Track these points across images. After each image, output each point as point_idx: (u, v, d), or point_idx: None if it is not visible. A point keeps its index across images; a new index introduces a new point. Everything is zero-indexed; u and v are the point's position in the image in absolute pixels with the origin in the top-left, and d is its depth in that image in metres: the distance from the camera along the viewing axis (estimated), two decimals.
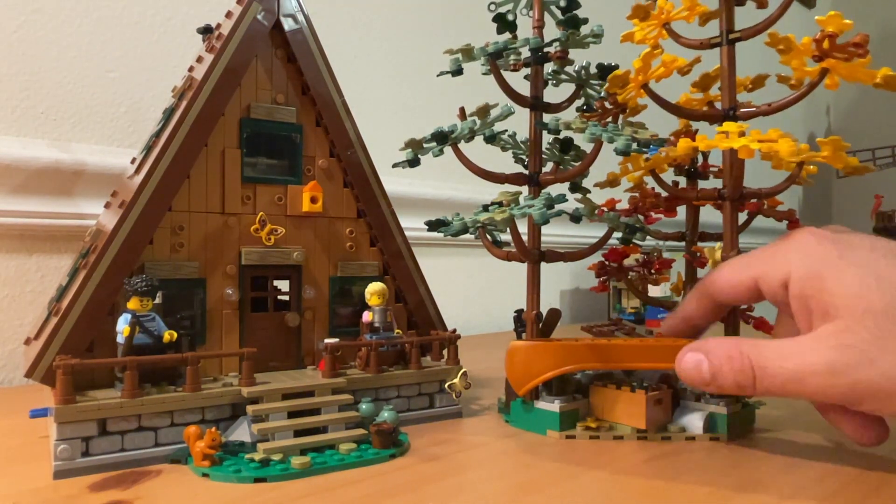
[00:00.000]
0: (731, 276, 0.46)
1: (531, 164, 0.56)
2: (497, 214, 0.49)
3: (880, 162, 1.68)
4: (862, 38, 0.45)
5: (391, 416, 0.49)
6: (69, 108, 0.84)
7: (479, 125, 0.54)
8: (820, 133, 2.45)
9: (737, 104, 0.52)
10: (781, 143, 0.45)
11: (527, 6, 0.57)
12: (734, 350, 0.40)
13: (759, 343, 0.40)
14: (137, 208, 0.47)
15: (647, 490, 0.39)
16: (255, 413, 0.46)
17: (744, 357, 0.40)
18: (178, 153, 0.49)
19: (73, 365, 0.42)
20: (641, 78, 0.52)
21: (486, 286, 1.31)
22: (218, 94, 0.51)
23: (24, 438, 0.50)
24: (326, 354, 0.51)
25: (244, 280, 0.53)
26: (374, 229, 0.59)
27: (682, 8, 0.53)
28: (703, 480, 0.41)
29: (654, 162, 0.57)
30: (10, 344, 0.78)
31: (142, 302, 0.46)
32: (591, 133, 0.48)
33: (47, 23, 0.82)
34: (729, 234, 0.53)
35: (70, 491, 0.39)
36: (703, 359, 0.42)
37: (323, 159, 0.57)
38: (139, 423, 0.44)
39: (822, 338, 0.38)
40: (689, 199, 0.59)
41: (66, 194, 0.81)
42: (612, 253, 0.66)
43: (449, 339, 0.59)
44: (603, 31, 0.54)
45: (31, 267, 0.80)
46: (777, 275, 0.41)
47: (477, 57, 0.55)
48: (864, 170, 0.50)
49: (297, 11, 0.55)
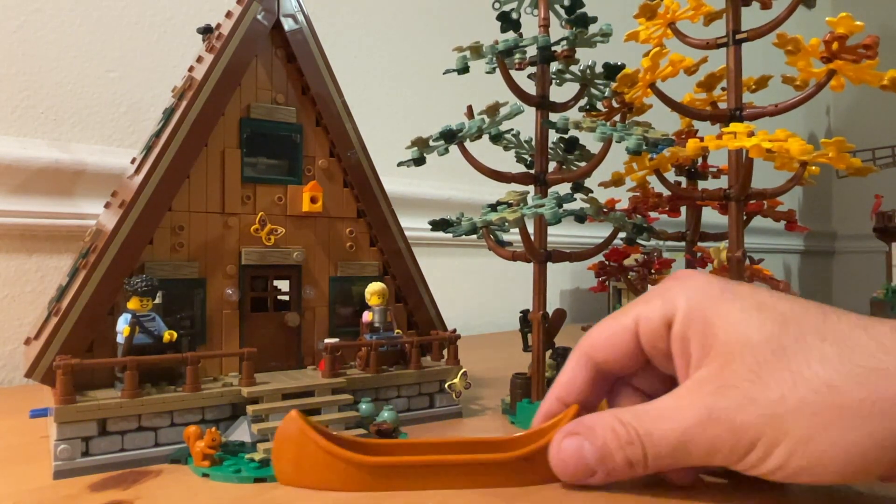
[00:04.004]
0: (609, 324, 0.38)
1: (537, 164, 0.56)
2: (509, 214, 0.49)
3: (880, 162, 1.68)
4: (872, 39, 0.45)
5: (391, 416, 0.49)
6: (69, 108, 0.84)
7: (488, 123, 0.54)
8: (820, 133, 2.45)
9: (743, 105, 0.52)
10: (791, 143, 0.45)
11: (531, 5, 0.57)
12: (615, 422, 0.34)
13: (637, 408, 0.35)
14: (137, 208, 0.47)
15: (652, 491, 0.39)
16: (255, 413, 0.46)
17: (628, 427, 0.34)
18: (178, 153, 0.49)
19: (73, 365, 0.42)
20: (649, 77, 0.52)
21: (485, 286, 1.31)
22: (218, 94, 0.51)
23: (24, 438, 0.50)
24: (326, 354, 0.51)
25: (244, 280, 0.53)
26: (374, 229, 0.59)
27: (688, 7, 0.53)
28: (713, 481, 0.40)
29: (658, 162, 0.57)
30: (10, 344, 0.78)
31: (142, 302, 0.46)
32: (602, 132, 0.48)
33: (47, 23, 0.82)
34: (735, 234, 0.53)
35: (70, 491, 0.38)
36: (583, 442, 0.35)
37: (323, 159, 0.57)
38: (139, 423, 0.43)
39: (699, 384, 0.33)
40: (694, 199, 0.59)
41: (66, 194, 0.81)
42: (612, 253, 0.66)
43: (449, 339, 0.59)
44: (612, 29, 0.54)
45: (31, 267, 0.80)
46: (660, 313, 0.35)
47: (486, 55, 0.55)
48: (866, 171, 0.50)
49: (297, 11, 0.55)
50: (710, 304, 0.34)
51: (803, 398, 0.30)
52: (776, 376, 0.31)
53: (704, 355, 0.33)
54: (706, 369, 0.33)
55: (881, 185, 1.56)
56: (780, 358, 0.31)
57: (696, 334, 0.34)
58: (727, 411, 0.31)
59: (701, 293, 0.35)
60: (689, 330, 0.34)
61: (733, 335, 0.32)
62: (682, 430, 0.32)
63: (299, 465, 0.36)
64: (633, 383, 0.39)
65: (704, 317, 0.34)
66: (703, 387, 0.32)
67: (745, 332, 0.32)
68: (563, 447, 0.35)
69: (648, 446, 0.33)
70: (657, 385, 0.38)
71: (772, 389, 0.30)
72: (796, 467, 0.30)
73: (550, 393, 0.40)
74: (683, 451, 0.32)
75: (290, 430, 0.37)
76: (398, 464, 0.37)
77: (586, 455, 0.35)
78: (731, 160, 0.53)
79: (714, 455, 0.32)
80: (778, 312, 0.32)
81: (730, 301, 0.34)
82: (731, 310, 0.33)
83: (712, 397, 0.32)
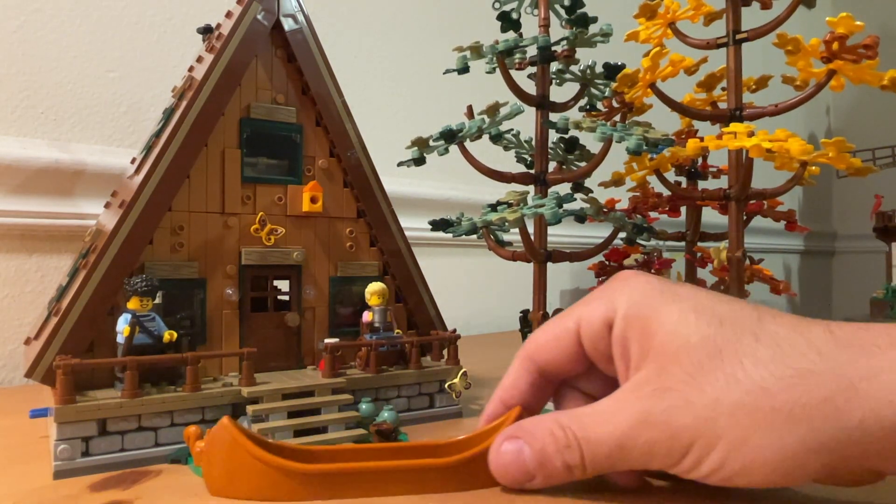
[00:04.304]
0: (551, 326, 0.37)
1: (537, 164, 0.56)
2: (509, 214, 0.49)
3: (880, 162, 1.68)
4: (872, 39, 0.45)
5: (391, 416, 0.49)
6: (69, 108, 0.84)
7: (488, 123, 0.54)
8: (820, 133, 2.46)
9: (743, 105, 0.52)
10: (791, 143, 0.45)
11: (531, 5, 0.57)
12: (554, 425, 0.34)
13: (577, 411, 0.34)
14: (137, 208, 0.47)
15: (655, 491, 0.39)
16: (255, 413, 0.46)
17: (567, 430, 0.33)
18: (178, 153, 0.49)
19: (73, 365, 0.42)
20: (649, 77, 0.52)
21: (486, 286, 1.31)
22: (218, 94, 0.51)
23: (24, 438, 0.50)
24: (326, 354, 0.51)
25: (244, 280, 0.53)
26: (374, 229, 0.59)
27: (688, 7, 0.53)
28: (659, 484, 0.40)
29: (658, 162, 0.57)
30: (10, 344, 0.78)
31: (142, 302, 0.46)
32: (602, 132, 0.48)
33: (47, 23, 0.82)
34: (735, 234, 0.53)
35: (70, 491, 0.38)
36: (522, 445, 0.34)
37: (323, 159, 0.57)
38: (139, 423, 0.43)
39: (637, 386, 0.32)
40: (694, 199, 0.59)
41: (66, 194, 0.81)
42: (612, 253, 0.66)
43: (449, 339, 0.59)
44: (612, 29, 0.54)
45: (31, 267, 0.80)
46: (601, 315, 0.35)
47: (486, 55, 0.55)
48: (866, 171, 0.50)
49: (297, 11, 0.55)
50: (649, 305, 0.34)
51: (737, 400, 0.30)
52: (711, 379, 0.30)
53: (643, 357, 0.33)
54: (644, 371, 0.33)
55: (881, 185, 1.56)
56: (716, 360, 0.31)
57: (635, 336, 0.33)
58: (663, 414, 0.31)
59: (641, 294, 0.34)
60: (629, 332, 0.34)
61: (671, 337, 0.32)
62: (619, 433, 0.32)
63: (231, 474, 0.34)
64: (578, 386, 0.39)
65: (644, 318, 0.33)
66: (641, 389, 0.32)
67: (683, 333, 0.32)
68: (503, 451, 0.35)
69: (586, 450, 0.33)
70: (602, 388, 0.37)
71: (707, 392, 0.30)
72: (731, 470, 0.30)
73: (494, 395, 0.39)
74: (621, 454, 0.32)
75: (221, 437, 0.35)
76: (333, 471, 0.35)
77: (525, 459, 0.34)
78: (731, 160, 0.53)
79: (651, 458, 0.32)
80: (715, 314, 0.32)
81: (669, 303, 0.33)
82: (670, 311, 0.33)
83: (649, 400, 0.31)
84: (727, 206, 0.53)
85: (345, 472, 0.35)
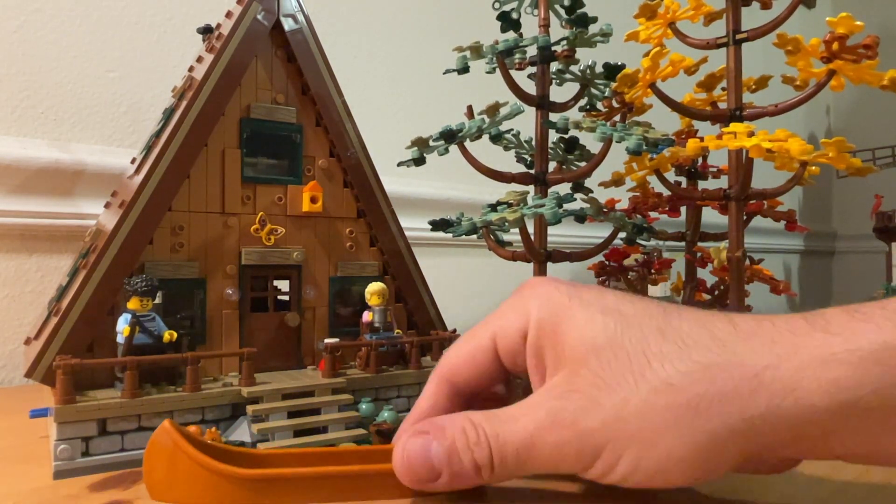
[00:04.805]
0: (466, 344, 0.36)
1: (537, 164, 0.56)
2: (509, 214, 0.49)
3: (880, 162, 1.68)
4: (872, 39, 0.45)
5: (391, 416, 0.49)
6: (69, 108, 0.84)
7: (488, 123, 0.54)
8: (820, 133, 2.46)
9: (743, 105, 0.52)
10: (791, 143, 0.45)
11: (531, 5, 0.57)
12: (466, 422, 0.32)
13: (490, 412, 0.33)
14: (137, 208, 0.47)
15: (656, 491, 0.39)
16: (255, 413, 0.46)
17: (478, 428, 0.32)
18: (178, 153, 0.49)
19: (73, 365, 0.42)
20: (649, 77, 0.52)
21: (486, 286, 1.30)
22: (218, 94, 0.51)
23: (24, 438, 0.50)
24: (326, 354, 0.51)
25: (244, 280, 0.53)
26: (374, 229, 0.59)
27: (688, 7, 0.53)
28: None
29: (658, 162, 0.57)
30: (10, 344, 0.78)
31: (142, 302, 0.46)
32: (602, 132, 0.48)
33: (47, 23, 0.82)
34: (735, 234, 0.53)
35: (70, 491, 0.38)
36: (430, 441, 0.32)
37: (323, 159, 0.57)
38: (139, 423, 0.43)
39: (548, 390, 0.32)
40: (694, 199, 0.59)
41: (66, 194, 0.81)
42: (612, 253, 0.66)
43: (449, 339, 0.59)
44: (612, 29, 0.54)
45: (31, 267, 0.80)
46: (516, 325, 0.34)
47: (486, 55, 0.55)
48: (866, 171, 0.50)
49: (297, 11, 0.55)
50: (558, 311, 0.33)
51: (645, 399, 0.29)
52: (619, 379, 0.30)
53: (557, 363, 0.32)
54: (557, 377, 0.32)
55: (881, 185, 1.56)
56: (623, 360, 0.30)
57: (548, 343, 0.33)
58: (572, 414, 0.30)
59: (549, 301, 0.34)
60: (542, 340, 0.33)
61: (579, 340, 0.32)
62: (527, 432, 0.31)
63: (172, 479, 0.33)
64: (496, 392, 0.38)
65: (553, 325, 0.33)
66: (551, 392, 0.32)
67: (590, 336, 0.31)
68: (409, 446, 0.33)
69: (495, 449, 0.31)
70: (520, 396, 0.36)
71: (615, 392, 0.30)
72: (647, 472, 0.29)
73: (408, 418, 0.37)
74: (529, 454, 0.31)
75: (161, 441, 0.33)
76: (275, 476, 0.34)
77: (432, 455, 0.32)
78: (731, 160, 0.53)
79: (561, 462, 0.31)
80: (620, 314, 0.32)
81: (576, 307, 0.33)
82: (577, 315, 0.32)
83: (558, 401, 0.31)
84: (727, 206, 0.53)
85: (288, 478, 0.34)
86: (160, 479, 0.33)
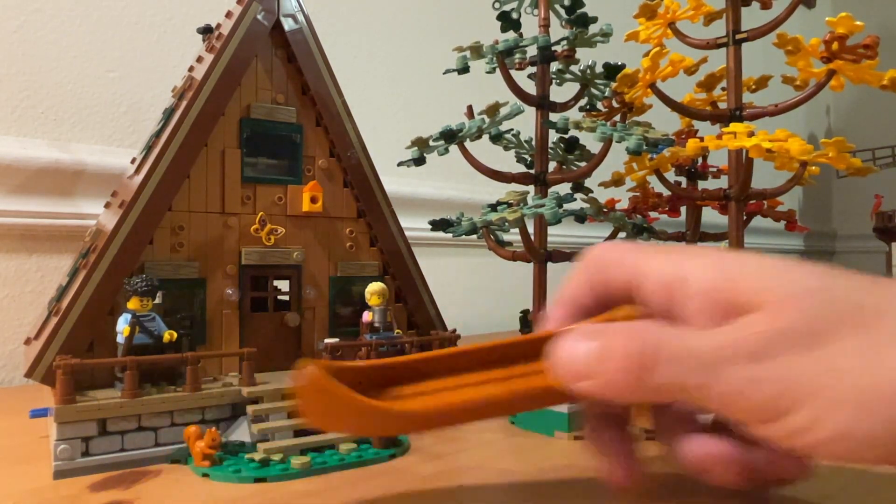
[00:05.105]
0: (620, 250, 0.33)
1: (537, 164, 0.56)
2: (509, 214, 0.49)
3: (880, 162, 1.68)
4: (872, 39, 0.45)
5: None
6: (69, 108, 0.84)
7: (488, 123, 0.54)
8: (820, 133, 2.46)
9: (742, 105, 0.52)
10: (791, 143, 0.45)
11: (531, 5, 0.57)
12: (633, 331, 0.29)
13: (665, 327, 0.29)
14: (137, 208, 0.47)
15: (656, 491, 0.39)
16: (256, 413, 0.45)
17: (643, 335, 0.28)
18: (178, 153, 0.49)
19: (73, 365, 0.42)
20: (649, 77, 0.52)
21: (486, 286, 1.30)
22: (218, 94, 0.51)
23: (24, 438, 0.50)
24: (326, 354, 0.51)
25: (244, 280, 0.53)
26: (374, 229, 0.59)
27: (688, 7, 0.53)
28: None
29: (658, 162, 0.57)
30: (10, 344, 0.78)
31: (142, 302, 0.46)
32: (602, 132, 0.48)
33: (47, 23, 0.82)
34: (734, 234, 0.53)
35: (70, 491, 0.38)
36: (594, 345, 0.29)
37: (323, 159, 0.57)
38: (139, 423, 0.43)
39: (745, 324, 0.27)
40: (694, 199, 0.59)
41: (66, 194, 0.81)
42: None
43: (449, 339, 0.59)
44: (612, 29, 0.54)
45: (31, 267, 0.80)
46: (669, 271, 0.31)
47: (486, 55, 0.55)
48: (866, 171, 0.50)
49: (297, 11, 0.55)
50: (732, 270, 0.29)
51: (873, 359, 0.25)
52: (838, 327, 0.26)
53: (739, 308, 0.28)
54: (752, 315, 0.28)
55: (881, 185, 1.56)
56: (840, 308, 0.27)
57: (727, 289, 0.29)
58: (777, 350, 0.26)
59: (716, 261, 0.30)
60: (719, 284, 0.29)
61: (778, 288, 0.28)
62: (707, 352, 0.27)
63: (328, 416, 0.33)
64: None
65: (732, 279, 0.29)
66: (750, 326, 0.27)
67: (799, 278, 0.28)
68: (570, 345, 0.30)
69: (654, 363, 0.27)
70: None
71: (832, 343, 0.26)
72: (848, 445, 0.25)
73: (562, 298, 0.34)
74: (699, 380, 0.27)
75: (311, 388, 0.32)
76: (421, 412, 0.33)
77: (588, 352, 0.29)
78: (731, 160, 0.53)
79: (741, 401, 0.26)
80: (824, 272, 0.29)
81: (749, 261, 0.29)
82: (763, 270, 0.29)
83: (760, 335, 0.27)
84: (727, 206, 0.53)
85: (440, 411, 0.33)
86: (318, 416, 0.33)
